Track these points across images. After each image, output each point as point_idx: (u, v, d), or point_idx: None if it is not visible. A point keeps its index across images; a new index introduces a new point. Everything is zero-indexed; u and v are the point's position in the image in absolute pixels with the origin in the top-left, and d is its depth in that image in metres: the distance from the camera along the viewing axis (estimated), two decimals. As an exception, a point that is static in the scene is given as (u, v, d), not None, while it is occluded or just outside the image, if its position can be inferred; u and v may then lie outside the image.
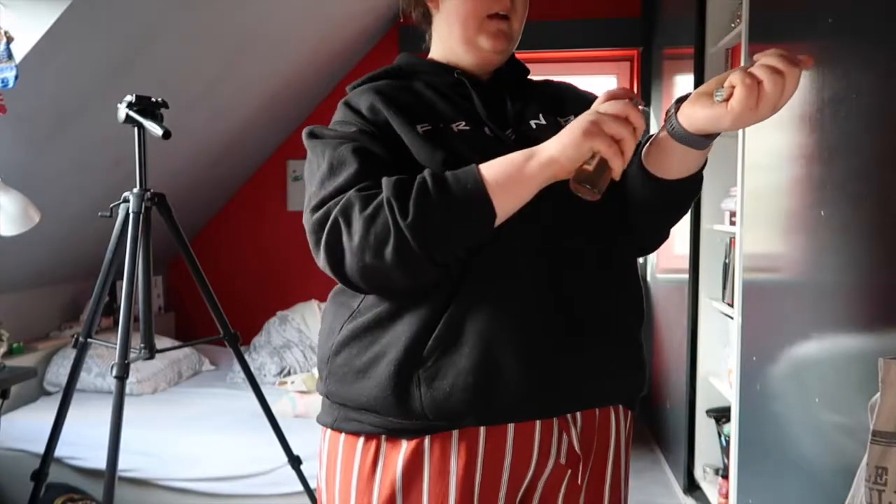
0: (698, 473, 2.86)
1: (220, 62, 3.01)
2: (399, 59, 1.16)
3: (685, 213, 1.09)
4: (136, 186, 2.08)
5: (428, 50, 1.18)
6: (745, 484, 1.98)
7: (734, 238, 2.25)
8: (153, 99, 2.06)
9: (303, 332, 3.70)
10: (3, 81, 2.00)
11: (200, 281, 2.19)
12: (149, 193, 2.08)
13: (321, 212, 0.93)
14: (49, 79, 2.26)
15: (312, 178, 0.98)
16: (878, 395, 1.02)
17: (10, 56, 1.99)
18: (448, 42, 1.10)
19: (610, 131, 0.85)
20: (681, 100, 0.89)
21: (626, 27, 3.86)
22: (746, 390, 1.97)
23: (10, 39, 2.00)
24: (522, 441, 0.98)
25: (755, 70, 0.81)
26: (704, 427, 2.83)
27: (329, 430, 1.06)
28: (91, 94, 2.47)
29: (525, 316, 0.95)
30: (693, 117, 0.86)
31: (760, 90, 0.80)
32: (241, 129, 3.71)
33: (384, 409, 0.96)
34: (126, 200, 2.07)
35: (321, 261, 0.95)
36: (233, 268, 4.24)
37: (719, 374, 2.72)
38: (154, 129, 1.97)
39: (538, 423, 0.98)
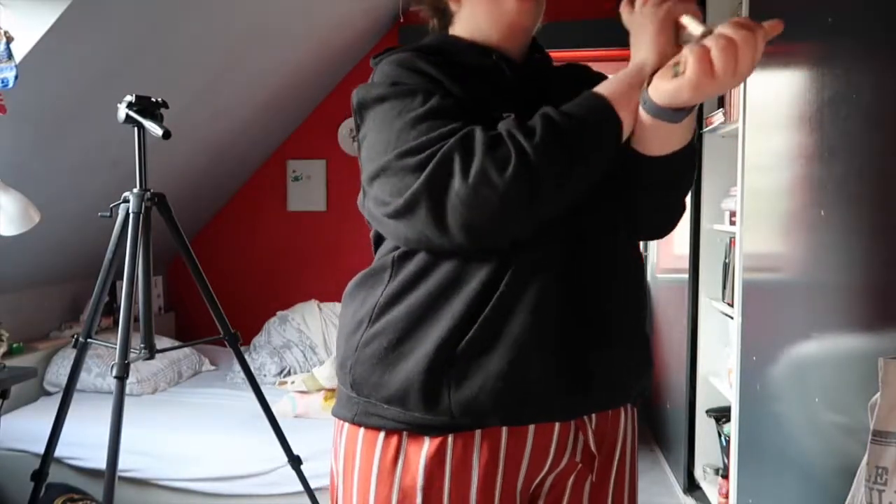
0: (698, 473, 2.86)
1: (220, 62, 3.01)
2: (433, 40, 1.10)
3: (682, 193, 1.08)
4: (136, 186, 2.08)
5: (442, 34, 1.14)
6: (745, 484, 1.98)
7: (734, 238, 2.25)
8: (153, 99, 2.06)
9: (303, 332, 3.70)
10: (3, 81, 2.00)
11: (200, 281, 2.19)
12: (149, 193, 2.08)
13: (424, 154, 0.87)
14: (49, 79, 2.26)
15: (393, 126, 0.92)
16: (878, 395, 1.03)
17: (10, 56, 1.99)
18: (474, 18, 1.07)
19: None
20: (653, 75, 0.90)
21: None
22: (746, 390, 1.97)
23: (10, 39, 2.00)
24: (541, 440, 0.98)
25: (706, 41, 0.82)
26: (704, 427, 2.83)
27: (347, 424, 1.04)
28: (91, 94, 2.47)
29: (557, 323, 0.95)
30: (660, 90, 0.87)
31: (711, 58, 0.81)
32: (241, 129, 3.70)
33: (410, 403, 0.95)
34: (126, 200, 2.07)
35: (404, 203, 0.88)
36: (233, 268, 4.24)
37: (719, 374, 2.71)
38: (154, 129, 1.97)
39: (557, 423, 0.99)
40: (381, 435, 0.99)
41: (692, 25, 0.88)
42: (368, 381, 0.99)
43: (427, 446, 0.97)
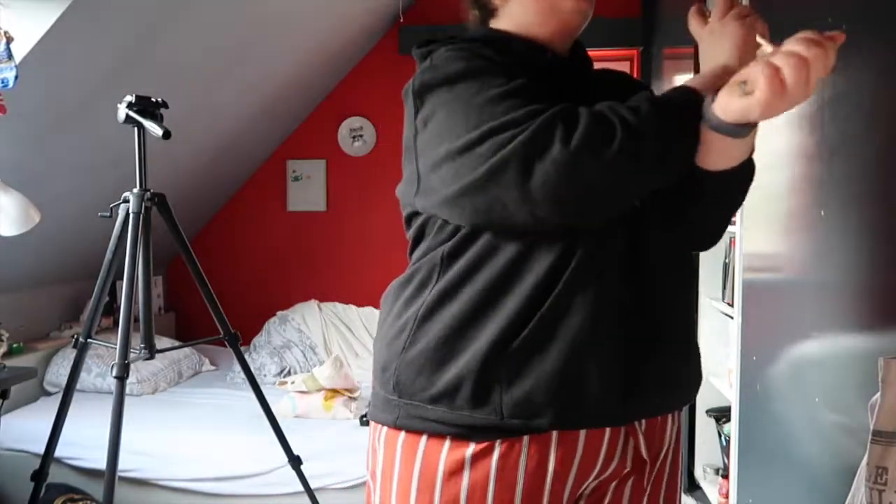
0: (698, 473, 2.86)
1: (220, 62, 3.01)
2: (483, 31, 1.07)
3: (737, 206, 1.07)
4: (136, 186, 2.08)
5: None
6: (745, 484, 1.98)
7: (734, 238, 2.25)
8: (153, 99, 2.06)
9: (303, 332, 3.70)
10: (3, 81, 2.00)
11: (200, 281, 2.19)
12: (149, 193, 2.08)
13: (517, 128, 0.84)
14: (49, 79, 2.26)
15: (474, 100, 0.89)
16: (878, 394, 1.03)
17: (10, 56, 1.99)
18: (525, 13, 1.05)
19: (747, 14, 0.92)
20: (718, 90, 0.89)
21: (626, 27, 3.85)
22: (746, 390, 1.97)
23: (10, 39, 2.00)
24: (591, 446, 0.96)
25: (776, 58, 0.80)
26: (704, 427, 2.83)
27: (386, 429, 1.01)
28: (91, 94, 2.47)
29: (613, 324, 0.94)
30: (727, 108, 0.85)
31: (782, 77, 0.79)
32: (241, 129, 3.70)
33: (459, 400, 0.93)
34: (126, 200, 2.07)
35: (492, 165, 0.85)
36: (233, 268, 4.24)
37: (719, 374, 2.71)
38: (154, 129, 1.97)
39: (608, 429, 0.97)
40: (423, 439, 0.97)
41: (764, 44, 0.89)
42: (415, 381, 0.97)
43: (472, 451, 0.94)
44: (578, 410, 0.93)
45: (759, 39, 0.90)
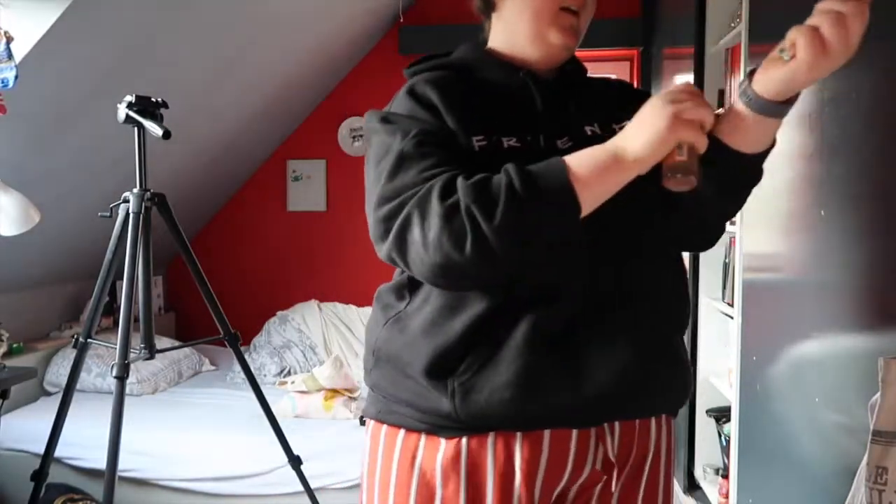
0: (698, 473, 2.86)
1: (220, 62, 3.01)
2: (464, 52, 1.11)
3: (741, 201, 1.06)
4: (136, 186, 2.08)
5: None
6: (746, 484, 1.98)
7: (734, 238, 2.25)
8: (153, 99, 2.06)
9: (303, 332, 3.70)
10: (3, 81, 2.00)
11: (200, 281, 2.19)
12: (149, 193, 2.08)
13: (391, 205, 0.91)
14: (49, 79, 2.26)
15: (379, 165, 0.96)
16: (878, 394, 1.02)
17: (10, 56, 1.99)
18: (513, 34, 1.07)
19: (692, 117, 0.85)
20: (751, 73, 0.89)
21: (626, 27, 3.85)
22: (746, 390, 1.97)
23: (10, 39, 2.00)
24: (559, 447, 0.97)
25: (813, 19, 0.81)
26: (704, 427, 2.82)
27: (373, 421, 1.07)
28: (91, 94, 2.47)
29: (565, 333, 0.94)
30: (770, 83, 0.86)
31: (822, 36, 0.80)
32: (241, 129, 3.70)
33: (422, 408, 0.98)
34: (126, 200, 2.07)
35: (385, 251, 0.93)
36: (233, 268, 4.24)
37: (719, 374, 2.71)
38: (154, 129, 1.97)
39: (574, 431, 0.98)
40: (402, 433, 1.01)
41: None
42: (384, 384, 1.03)
43: (443, 448, 0.98)
44: (534, 416, 0.95)
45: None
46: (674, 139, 0.85)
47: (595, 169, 0.87)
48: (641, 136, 0.86)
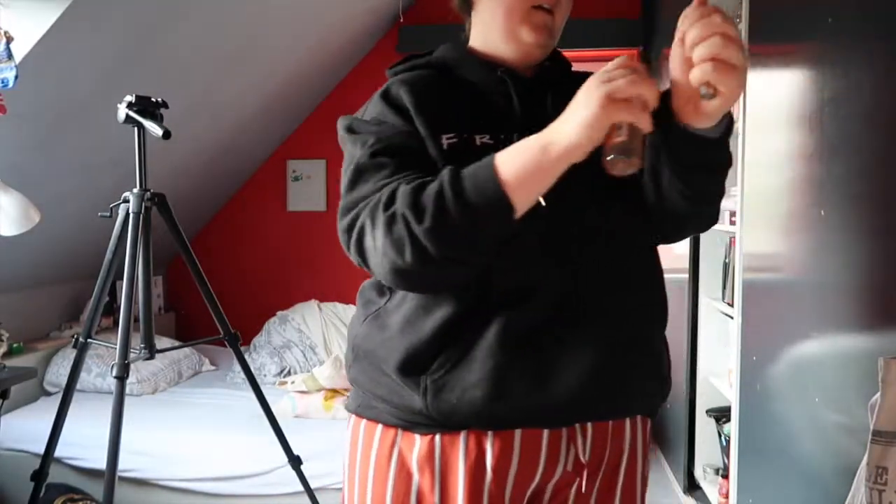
0: (698, 473, 2.86)
1: (221, 62, 3.01)
2: (444, 51, 1.11)
3: (716, 180, 1.02)
4: (136, 186, 2.08)
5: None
6: (746, 484, 1.98)
7: (734, 238, 2.25)
8: (153, 99, 2.06)
9: (303, 332, 3.70)
10: (3, 81, 2.00)
11: (200, 281, 2.19)
12: (149, 193, 2.08)
13: (350, 216, 0.94)
14: (49, 79, 2.26)
15: (343, 176, 0.98)
16: (878, 394, 1.03)
17: (10, 56, 1.99)
18: (489, 33, 1.07)
19: (628, 94, 0.79)
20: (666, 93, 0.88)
21: (626, 27, 3.85)
22: (746, 390, 1.97)
23: (10, 39, 2.00)
24: (530, 446, 0.98)
25: (702, 50, 0.80)
26: (704, 427, 2.82)
27: (353, 416, 1.08)
28: (91, 94, 2.47)
29: (536, 333, 0.94)
30: (701, 119, 0.87)
31: (726, 59, 0.79)
32: (241, 129, 3.70)
33: (397, 405, 0.99)
34: (126, 200, 2.07)
35: (353, 259, 0.96)
36: (233, 268, 4.24)
37: (719, 374, 2.71)
38: (154, 129, 1.97)
39: (545, 431, 0.98)
40: (380, 427, 1.03)
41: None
42: (362, 380, 1.04)
43: (418, 444, 0.99)
44: (505, 415, 0.95)
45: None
46: (607, 121, 0.80)
47: (526, 164, 0.84)
48: (573, 120, 0.82)
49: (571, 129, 0.82)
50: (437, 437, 0.98)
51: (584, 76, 1.13)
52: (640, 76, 0.81)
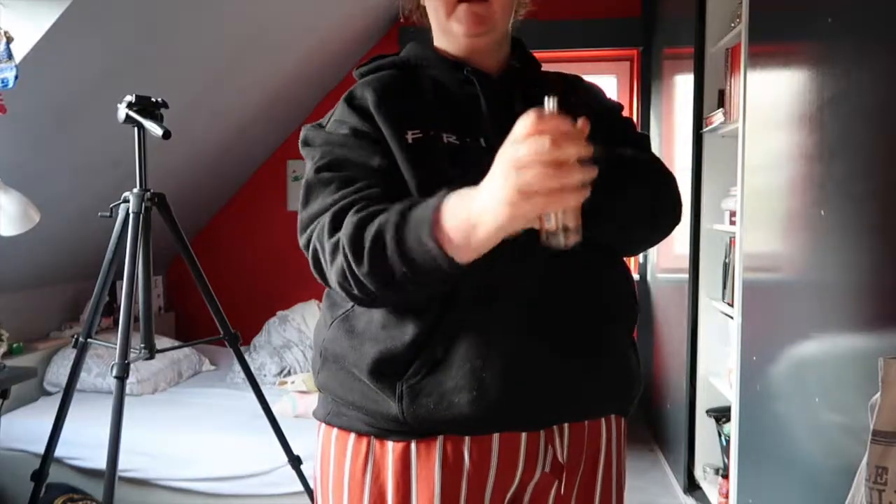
0: (698, 473, 2.86)
1: (220, 62, 3.01)
2: (408, 50, 1.11)
3: (668, 221, 1.03)
4: (136, 186, 2.08)
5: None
6: (746, 484, 1.98)
7: (734, 238, 2.25)
8: (153, 99, 2.06)
9: (303, 332, 3.69)
10: (3, 81, 2.00)
11: (200, 281, 2.19)
12: (149, 193, 2.08)
13: (305, 235, 0.95)
14: (49, 79, 2.26)
15: (302, 187, 0.99)
16: (878, 394, 1.03)
17: (10, 56, 1.99)
18: (435, 31, 1.08)
19: (542, 188, 0.69)
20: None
21: (626, 27, 3.85)
22: (746, 390, 1.97)
23: (10, 39, 2.00)
24: (508, 450, 0.97)
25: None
26: (704, 427, 2.83)
27: (323, 424, 1.05)
28: (91, 94, 2.47)
29: (510, 336, 0.94)
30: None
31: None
32: (241, 129, 3.70)
33: (370, 411, 0.97)
34: (126, 200, 2.07)
35: (316, 278, 0.97)
36: (233, 268, 4.24)
37: (719, 374, 2.72)
38: (154, 129, 1.97)
39: (524, 433, 0.98)
40: (352, 437, 1.00)
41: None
42: (332, 386, 1.01)
43: (391, 451, 0.97)
44: (482, 419, 0.94)
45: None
46: (524, 217, 0.72)
47: (464, 234, 0.78)
48: (495, 198, 0.73)
49: (495, 210, 0.73)
50: (413, 445, 0.96)
51: (554, 76, 1.13)
52: (555, 164, 0.69)
